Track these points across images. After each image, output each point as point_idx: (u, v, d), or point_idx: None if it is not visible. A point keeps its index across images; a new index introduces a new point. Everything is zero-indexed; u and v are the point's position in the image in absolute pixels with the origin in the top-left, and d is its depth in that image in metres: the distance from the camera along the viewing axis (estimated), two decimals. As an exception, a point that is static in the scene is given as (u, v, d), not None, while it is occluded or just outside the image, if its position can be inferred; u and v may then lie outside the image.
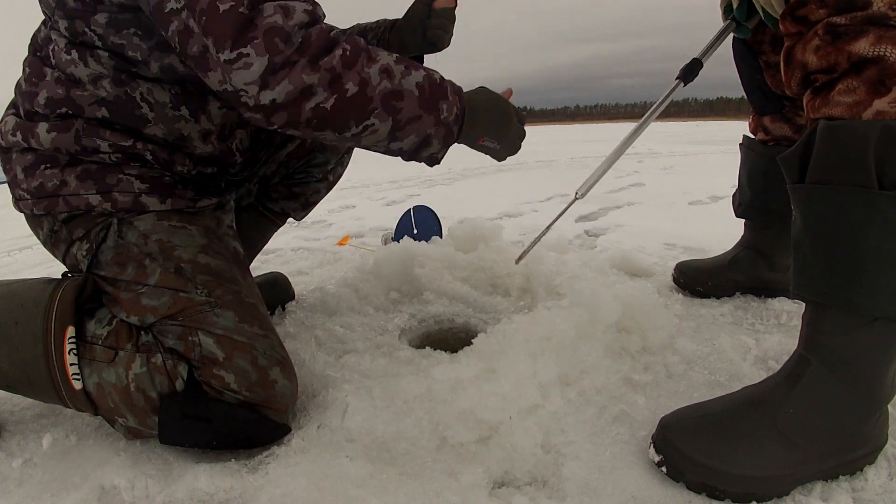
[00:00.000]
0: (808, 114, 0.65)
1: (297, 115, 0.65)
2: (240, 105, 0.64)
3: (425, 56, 1.09)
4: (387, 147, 0.73)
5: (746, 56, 1.07)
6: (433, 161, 0.78)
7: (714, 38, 1.06)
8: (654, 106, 1.11)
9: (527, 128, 0.90)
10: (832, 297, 0.62)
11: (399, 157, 0.76)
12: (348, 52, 0.66)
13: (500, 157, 0.85)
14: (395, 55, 0.72)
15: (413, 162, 0.78)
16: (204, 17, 0.61)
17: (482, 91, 0.81)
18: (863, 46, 0.57)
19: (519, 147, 0.86)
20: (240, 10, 0.60)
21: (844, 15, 0.58)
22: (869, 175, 0.57)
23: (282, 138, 1.08)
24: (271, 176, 1.12)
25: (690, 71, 1.05)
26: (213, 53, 0.61)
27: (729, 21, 1.04)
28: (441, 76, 0.75)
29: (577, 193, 1.10)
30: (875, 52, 0.56)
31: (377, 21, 1.09)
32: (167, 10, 0.63)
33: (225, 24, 0.60)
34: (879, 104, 0.56)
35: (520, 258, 1.17)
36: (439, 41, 1.02)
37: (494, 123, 0.80)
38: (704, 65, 1.06)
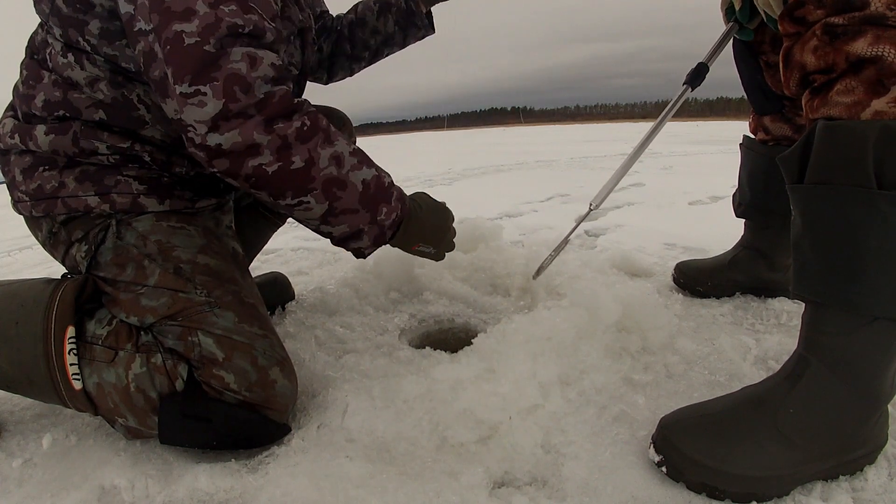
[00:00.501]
0: (806, 114, 0.65)
1: (238, 168, 0.65)
2: (186, 139, 0.64)
3: (440, 4, 1.11)
4: (317, 227, 0.75)
5: (746, 56, 1.07)
6: (359, 254, 0.80)
7: (718, 41, 1.06)
8: (665, 111, 1.11)
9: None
10: (832, 297, 0.62)
11: (324, 236, 0.78)
12: (306, 127, 0.66)
13: (436, 258, 0.90)
14: (354, 146, 0.74)
15: (339, 247, 0.80)
16: (168, 47, 0.60)
17: (423, 198, 0.86)
18: (861, 46, 0.56)
19: (453, 246, 0.93)
20: (205, 47, 0.60)
21: (842, 15, 0.58)
22: (868, 175, 0.57)
23: None
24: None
25: (697, 75, 1.06)
26: (171, 83, 0.61)
27: (732, 24, 1.04)
28: (391, 181, 0.78)
29: (591, 205, 1.12)
30: (873, 52, 0.56)
31: None
32: (136, 28, 0.63)
33: (188, 57, 0.59)
34: (878, 104, 0.56)
35: (538, 273, 1.17)
36: None
37: (432, 231, 0.85)
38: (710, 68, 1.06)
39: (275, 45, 0.67)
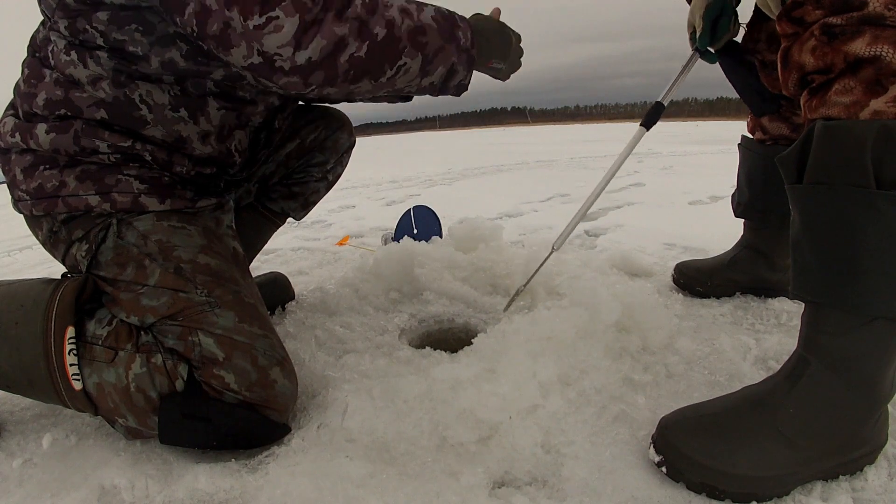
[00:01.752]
0: (805, 114, 0.65)
1: (334, 70, 0.66)
2: (273, 73, 0.64)
3: None
4: (419, 84, 0.76)
5: (734, 65, 1.07)
6: (461, 89, 0.80)
7: (675, 78, 1.07)
8: (622, 153, 1.11)
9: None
10: (831, 298, 0.62)
11: (428, 94, 0.78)
12: (367, 0, 0.67)
13: (504, 76, 0.89)
14: None
15: (442, 95, 0.80)
16: None
17: (481, 17, 0.84)
18: (859, 46, 0.56)
19: (520, 65, 0.90)
20: None
21: (840, 15, 0.58)
22: (866, 175, 0.57)
23: (282, 139, 1.08)
24: (270, 176, 1.12)
25: (654, 115, 1.07)
26: (240, 24, 0.61)
27: (692, 54, 1.05)
28: (443, 7, 0.77)
29: (553, 246, 1.12)
30: (871, 52, 0.56)
31: None
32: None
33: None
34: (876, 104, 0.56)
35: (508, 306, 1.13)
36: (503, 76, 1.04)
37: (500, 45, 0.84)
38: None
39: None
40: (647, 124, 1.07)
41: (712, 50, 1.04)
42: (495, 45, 0.84)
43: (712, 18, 1.01)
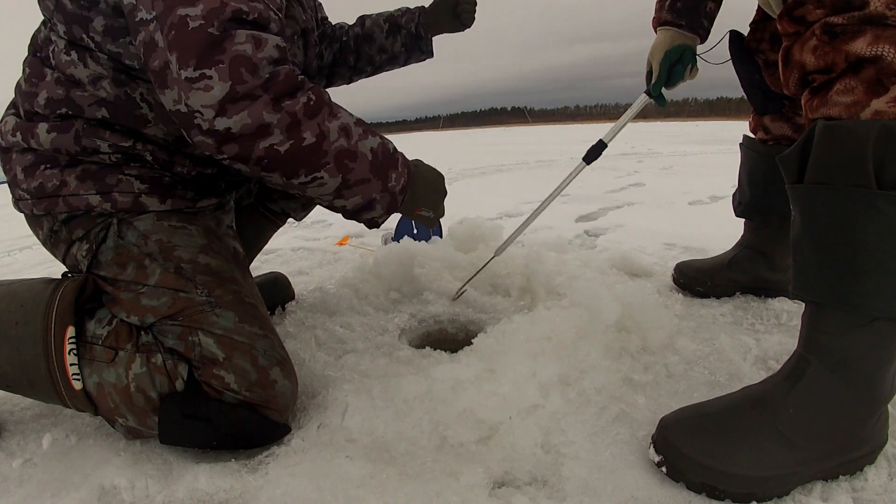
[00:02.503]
0: (806, 114, 0.65)
1: (249, 151, 0.63)
2: (192, 128, 0.62)
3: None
4: (330, 202, 0.74)
5: (743, 57, 1.07)
6: (372, 224, 0.80)
7: (623, 120, 1.15)
8: (562, 182, 1.18)
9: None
10: (831, 298, 0.62)
11: (340, 214, 0.78)
12: (312, 102, 0.65)
13: (431, 224, 0.91)
14: (355, 117, 0.72)
15: (351, 220, 0.80)
16: (172, 32, 0.59)
17: (422, 165, 0.86)
18: (860, 46, 0.56)
19: (444, 212, 0.93)
20: (209, 29, 0.59)
21: (842, 15, 0.57)
22: (867, 175, 0.57)
23: None
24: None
25: (596, 152, 1.13)
26: (175, 70, 0.59)
27: (643, 95, 1.10)
28: (394, 147, 0.77)
29: (496, 252, 1.20)
30: (873, 52, 0.56)
31: (402, 8, 1.15)
32: (137, 18, 0.62)
33: (192, 41, 0.58)
34: (877, 104, 0.56)
35: (458, 295, 1.20)
36: (468, 20, 1.11)
37: (432, 196, 0.86)
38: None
39: (280, 36, 0.66)
40: (588, 159, 1.13)
41: (665, 95, 1.09)
42: (429, 195, 0.85)
43: (669, 64, 1.05)
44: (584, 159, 1.13)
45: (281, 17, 0.67)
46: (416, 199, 0.82)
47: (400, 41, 1.14)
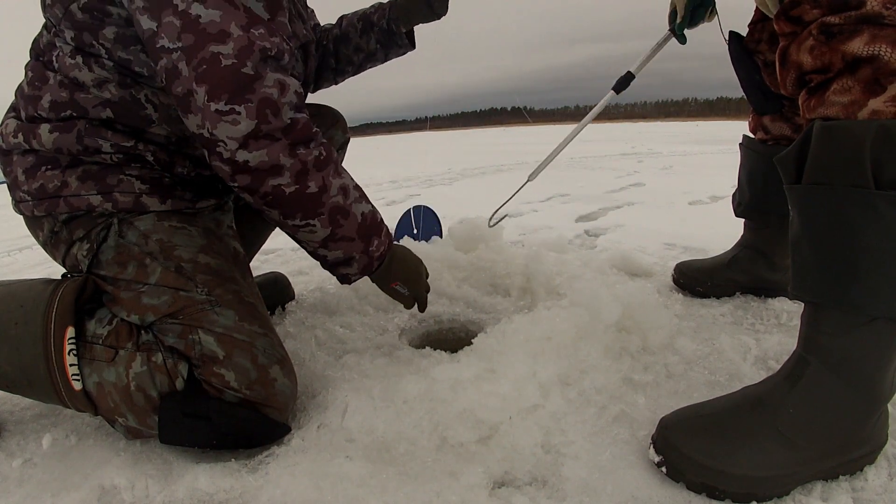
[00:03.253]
0: (803, 114, 0.65)
1: (259, 185, 0.69)
2: (213, 153, 0.67)
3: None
4: (314, 250, 0.79)
5: (743, 56, 1.08)
6: (345, 280, 0.84)
7: (649, 53, 1.17)
8: (590, 113, 1.23)
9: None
10: (830, 298, 0.62)
11: (318, 262, 0.82)
12: (322, 157, 0.72)
13: (406, 302, 0.93)
14: (355, 182, 0.79)
15: (327, 271, 0.84)
16: (203, 66, 0.63)
17: (405, 248, 0.93)
18: (857, 46, 0.56)
19: (425, 299, 0.98)
20: (243, 69, 0.64)
21: (838, 14, 0.57)
22: (865, 175, 0.57)
23: None
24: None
25: (624, 82, 1.17)
26: (203, 100, 0.63)
27: (667, 33, 1.13)
28: (382, 218, 0.84)
29: (529, 177, 1.28)
30: (869, 52, 0.56)
31: (376, 4, 1.14)
32: (158, 45, 0.65)
33: (225, 78, 0.63)
34: (875, 104, 0.56)
35: (495, 222, 1.30)
36: (441, 8, 1.11)
37: (409, 274, 0.91)
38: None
39: (291, 66, 0.72)
40: (618, 89, 1.18)
41: (686, 35, 1.13)
42: (404, 272, 0.90)
43: (694, 6, 1.09)
44: (613, 89, 1.18)
45: (292, 47, 0.73)
46: (391, 272, 0.87)
47: (374, 38, 1.14)
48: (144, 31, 0.66)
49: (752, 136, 1.19)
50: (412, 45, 1.18)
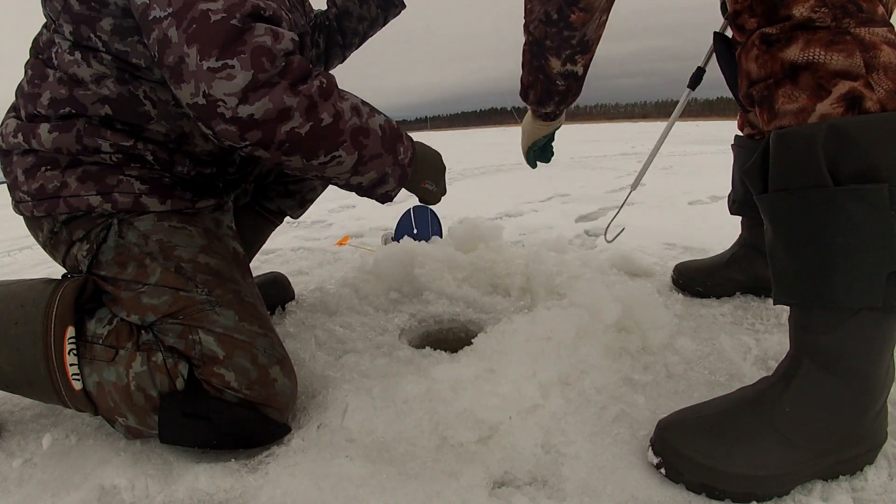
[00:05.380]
0: (762, 127, 0.67)
1: (272, 136, 0.65)
2: (213, 118, 0.63)
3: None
4: (347, 180, 0.76)
5: (727, 55, 1.08)
6: (386, 198, 0.82)
7: (711, 48, 1.13)
8: (675, 112, 1.26)
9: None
10: (811, 298, 0.63)
11: (354, 192, 0.80)
12: (324, 84, 0.68)
13: (435, 199, 0.94)
14: (360, 98, 0.76)
15: (366, 197, 0.82)
16: (193, 26, 0.61)
17: (422, 143, 0.90)
18: (793, 53, 0.59)
19: (446, 191, 0.98)
20: (231, 21, 0.61)
21: (774, 25, 0.60)
22: (822, 174, 0.58)
23: None
24: (267, 174, 1.13)
25: (696, 77, 1.17)
26: (195, 62, 0.60)
27: (724, 23, 1.08)
28: (397, 123, 0.80)
29: (631, 188, 1.31)
30: (805, 58, 0.58)
31: None
32: (151, 17, 0.63)
33: (215, 33, 0.60)
34: (822, 108, 0.58)
35: (607, 233, 1.32)
36: None
37: (434, 170, 0.91)
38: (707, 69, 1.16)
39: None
40: (692, 85, 1.18)
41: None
42: (431, 168, 0.90)
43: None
44: (689, 86, 1.18)
45: (290, 19, 0.71)
46: (419, 172, 0.86)
47: (374, 4, 1.17)
48: (138, 6, 0.64)
49: (741, 133, 1.21)
50: (403, 4, 1.21)
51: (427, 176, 0.88)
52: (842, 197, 0.58)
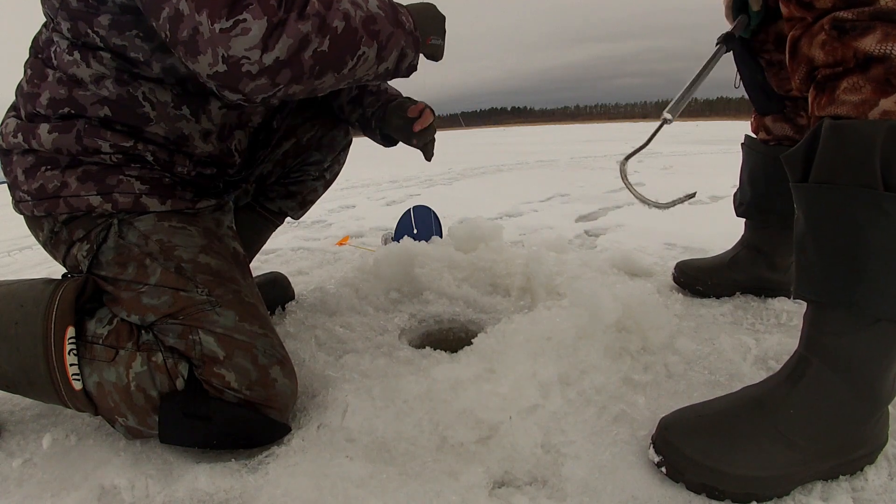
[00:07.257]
0: (812, 111, 0.64)
1: (300, 67, 0.66)
2: (240, 79, 0.63)
3: (449, 36, 1.11)
4: (376, 71, 0.77)
5: (746, 57, 1.07)
6: (411, 69, 0.83)
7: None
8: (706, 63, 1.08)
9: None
10: (835, 298, 0.61)
11: (382, 80, 0.80)
12: None
13: (441, 53, 0.90)
14: None
15: (395, 78, 0.82)
16: None
17: (413, 4, 0.87)
18: (869, 43, 0.56)
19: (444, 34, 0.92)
20: None
21: (852, 9, 0.57)
22: (874, 176, 0.56)
23: (278, 138, 1.08)
24: (268, 175, 1.13)
25: (728, 40, 1.06)
26: (207, 28, 0.60)
27: (743, 18, 1.05)
28: None
29: (665, 117, 1.09)
30: (882, 50, 0.55)
31: (372, 89, 1.11)
32: None
33: None
34: (886, 104, 0.56)
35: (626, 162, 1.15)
36: (423, 151, 1.05)
37: (435, 22, 0.87)
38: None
39: None
40: (727, 44, 1.06)
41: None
42: (431, 22, 0.87)
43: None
44: (727, 49, 1.07)
45: None
46: (423, 31, 0.84)
47: (356, 115, 1.12)
48: None
49: (754, 136, 1.19)
50: (386, 144, 1.13)
51: (430, 31, 0.86)
52: (889, 203, 0.56)
